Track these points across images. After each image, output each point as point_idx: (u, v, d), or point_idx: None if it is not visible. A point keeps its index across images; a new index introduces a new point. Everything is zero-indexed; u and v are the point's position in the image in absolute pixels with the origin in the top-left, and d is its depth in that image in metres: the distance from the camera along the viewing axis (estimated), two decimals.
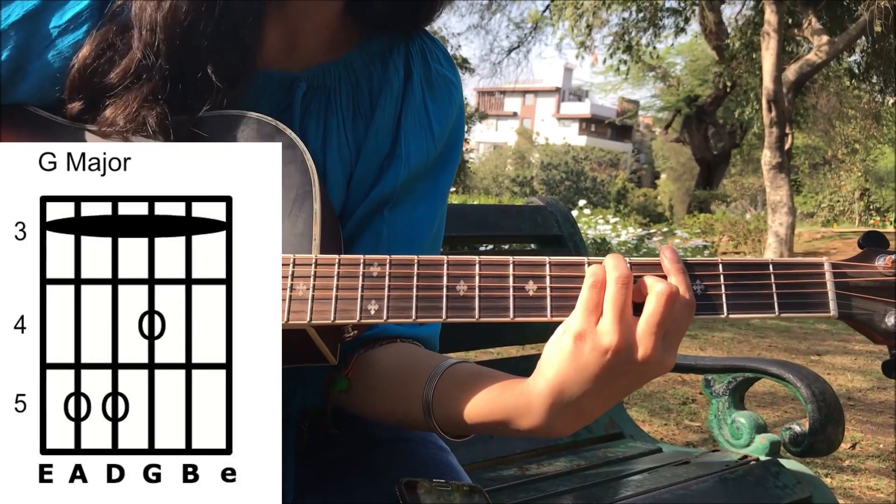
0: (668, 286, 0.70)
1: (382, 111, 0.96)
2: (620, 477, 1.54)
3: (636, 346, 0.69)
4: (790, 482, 1.52)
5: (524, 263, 0.73)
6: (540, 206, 1.98)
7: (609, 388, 0.71)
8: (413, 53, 0.98)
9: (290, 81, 0.94)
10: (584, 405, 0.72)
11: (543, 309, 0.73)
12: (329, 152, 0.94)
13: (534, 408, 0.73)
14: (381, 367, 0.89)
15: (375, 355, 0.90)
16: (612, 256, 0.72)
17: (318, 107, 0.95)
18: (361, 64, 0.97)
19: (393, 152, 0.95)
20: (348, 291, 0.74)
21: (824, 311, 0.72)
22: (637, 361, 0.70)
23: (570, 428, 0.74)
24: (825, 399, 1.54)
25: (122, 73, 0.83)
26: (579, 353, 0.70)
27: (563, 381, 0.71)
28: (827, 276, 0.73)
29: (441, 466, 0.95)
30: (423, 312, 0.73)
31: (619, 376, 0.70)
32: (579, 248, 1.94)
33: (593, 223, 11.38)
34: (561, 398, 0.71)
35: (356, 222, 0.94)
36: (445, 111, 0.98)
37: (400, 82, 0.97)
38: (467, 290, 0.73)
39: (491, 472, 1.54)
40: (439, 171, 0.98)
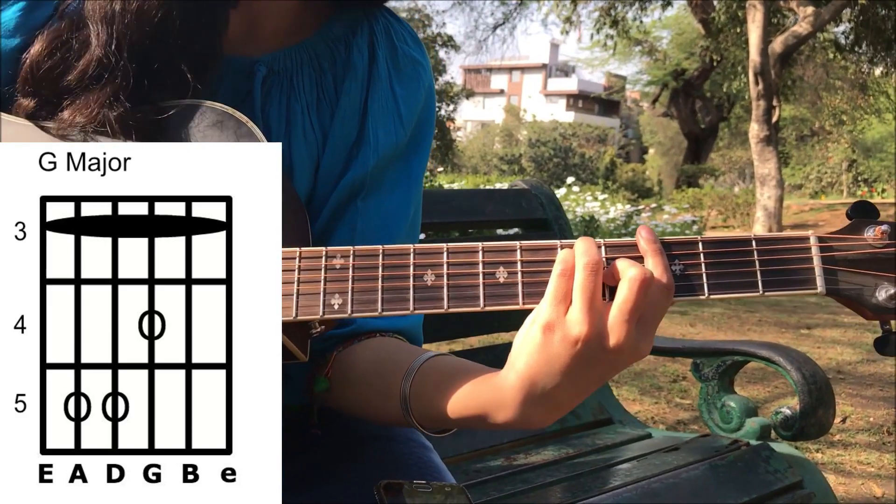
0: (641, 271, 0.67)
1: (348, 96, 0.92)
2: (609, 465, 1.52)
3: (607, 335, 0.66)
4: (781, 466, 1.50)
5: (494, 250, 0.70)
6: (524, 189, 1.94)
7: (582, 377, 0.68)
8: (377, 33, 0.95)
9: (250, 66, 0.90)
10: (559, 396, 0.69)
11: (515, 296, 0.70)
12: (294, 139, 0.91)
13: (507, 402, 0.71)
14: (360, 364, 0.87)
15: (354, 352, 0.88)
16: (583, 240, 0.69)
17: (280, 92, 0.91)
18: (324, 47, 0.93)
19: (361, 138, 0.92)
20: (310, 285, 0.72)
21: (811, 287, 0.69)
22: (609, 350, 0.67)
23: (547, 419, 0.72)
24: (816, 382, 1.51)
25: (81, 75, 0.79)
26: (549, 345, 0.67)
27: (534, 374, 0.68)
28: (813, 250, 0.70)
29: (423, 465, 0.93)
30: (389, 304, 0.71)
31: (592, 366, 0.68)
32: (564, 231, 1.90)
33: (582, 201, 11.36)
34: (533, 390, 0.69)
35: (329, 215, 0.92)
36: (413, 93, 0.95)
37: (364, 65, 0.93)
38: (435, 279, 0.70)
39: (478, 464, 1.52)
40: (411, 156, 0.95)
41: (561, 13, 15.32)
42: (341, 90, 0.92)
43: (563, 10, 15.31)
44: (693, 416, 3.46)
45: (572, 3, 15.19)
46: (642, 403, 3.66)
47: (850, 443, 3.23)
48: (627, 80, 28.55)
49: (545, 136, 31.18)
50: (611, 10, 15.55)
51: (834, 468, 2.94)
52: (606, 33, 15.58)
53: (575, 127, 34.03)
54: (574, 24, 15.60)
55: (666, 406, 3.67)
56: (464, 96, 22.70)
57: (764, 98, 11.50)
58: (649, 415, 3.50)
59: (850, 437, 3.29)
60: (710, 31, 15.47)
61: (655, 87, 22.96)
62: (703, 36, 16.74)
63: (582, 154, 29.77)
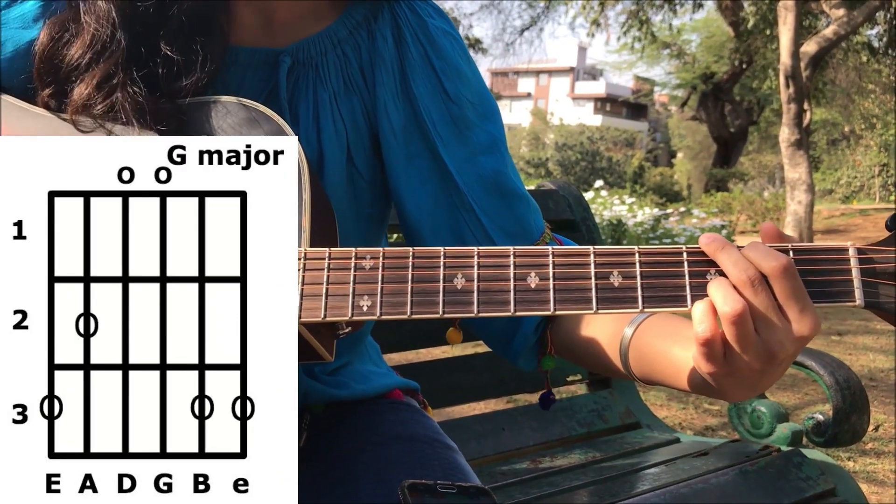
0: (734, 301, 0.65)
1: (383, 87, 0.91)
2: (637, 470, 1.49)
3: (767, 350, 0.66)
4: (813, 473, 1.46)
5: (526, 254, 0.69)
6: (552, 189, 1.92)
7: (774, 373, 0.69)
8: (400, 15, 0.92)
9: (274, 57, 0.90)
10: (759, 383, 0.70)
11: (546, 302, 0.69)
12: (324, 129, 0.90)
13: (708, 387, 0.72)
14: (574, 333, 0.87)
15: (565, 325, 0.89)
16: (719, 286, 0.66)
17: (306, 82, 0.91)
18: (346, 33, 0.92)
19: (419, 131, 0.90)
20: (340, 286, 0.71)
21: (849, 299, 0.67)
22: (775, 358, 0.67)
23: (750, 395, 0.73)
24: (850, 387, 1.48)
25: (81, 50, 0.80)
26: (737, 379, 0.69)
27: (723, 387, 0.70)
28: (852, 262, 0.68)
29: (448, 466, 0.93)
30: (419, 307, 0.70)
31: (776, 366, 0.68)
32: (592, 233, 1.88)
33: (609, 204, 11.28)
34: (729, 387, 0.70)
35: (432, 226, 0.91)
36: (453, 64, 0.92)
37: (392, 52, 0.91)
38: (465, 282, 0.69)
39: (503, 466, 1.50)
40: (487, 120, 0.93)
41: (588, 15, 15.25)
42: (371, 81, 0.91)
43: (590, 13, 15.23)
44: (721, 421, 3.42)
45: (600, 5, 15.11)
46: (669, 409, 3.62)
47: (883, 451, 3.17)
48: (656, 83, 28.35)
49: (572, 139, 31.04)
50: (639, 12, 15.45)
51: (866, 477, 2.88)
52: (634, 35, 15.48)
53: (602, 130, 33.83)
54: (601, 26, 15.52)
55: (694, 412, 3.62)
56: None
57: (795, 101, 11.34)
58: (677, 420, 3.45)
59: (882, 446, 3.23)
60: (740, 33, 15.31)
61: (684, 90, 22.75)
62: (732, 38, 16.58)
63: (609, 158, 29.59)
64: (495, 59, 19.43)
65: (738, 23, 15.23)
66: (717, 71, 20.48)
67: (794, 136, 11.52)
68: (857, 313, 6.13)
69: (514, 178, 0.92)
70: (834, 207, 18.54)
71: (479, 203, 0.89)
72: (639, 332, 0.80)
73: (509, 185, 0.91)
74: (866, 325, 5.70)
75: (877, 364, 4.58)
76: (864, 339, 5.26)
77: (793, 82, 11.28)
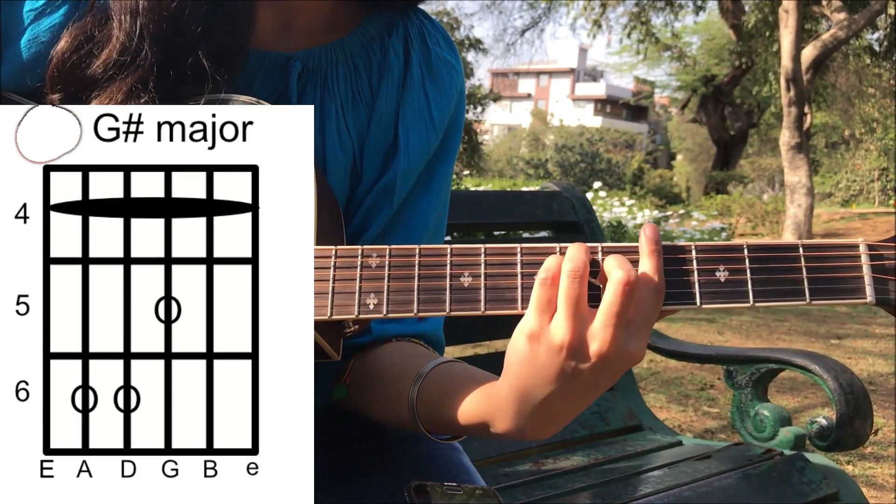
0: (625, 273, 0.64)
1: (384, 100, 0.92)
2: (639, 472, 1.49)
3: (591, 341, 0.64)
4: (816, 477, 1.46)
5: (533, 252, 0.69)
6: (555, 191, 1.92)
7: (573, 386, 0.66)
8: (412, 36, 0.94)
9: (285, 62, 0.89)
10: (552, 407, 0.68)
11: None
12: (328, 139, 0.90)
13: (502, 412, 0.70)
14: (376, 369, 0.87)
15: (372, 357, 0.88)
16: (572, 246, 0.67)
17: (315, 90, 0.91)
18: (359, 47, 0.92)
19: (394, 143, 0.92)
20: (346, 284, 0.70)
21: (860, 296, 0.66)
22: (596, 356, 0.64)
23: (544, 431, 0.70)
24: (853, 391, 1.48)
25: (105, 64, 0.79)
26: (535, 355, 0.66)
27: (523, 384, 0.67)
28: (863, 258, 0.67)
29: (454, 467, 0.92)
30: (426, 305, 0.69)
31: (580, 374, 0.65)
32: (596, 235, 1.88)
33: (609, 206, 11.28)
34: (525, 401, 0.68)
35: (361, 217, 0.91)
36: (446, 96, 0.94)
37: (400, 68, 0.92)
38: (472, 280, 0.69)
39: (506, 468, 1.50)
40: (443, 159, 0.95)
41: (589, 17, 15.24)
42: (377, 93, 0.92)
43: (591, 14, 15.23)
44: (721, 424, 3.41)
45: (601, 7, 15.11)
46: (669, 411, 3.61)
47: (883, 455, 3.17)
48: (656, 85, 28.35)
49: (572, 140, 31.04)
50: (640, 14, 15.45)
51: (865, 481, 2.88)
52: (636, 38, 15.48)
53: (602, 132, 33.85)
54: (602, 28, 15.52)
55: (694, 414, 3.62)
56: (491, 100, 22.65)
57: (795, 105, 11.35)
58: (676, 423, 3.45)
59: (882, 450, 3.23)
60: (742, 36, 15.31)
61: (684, 92, 22.75)
62: (733, 41, 16.59)
63: (609, 159, 29.60)
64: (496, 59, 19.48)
65: (740, 26, 15.23)
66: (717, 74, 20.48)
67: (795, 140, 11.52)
68: (856, 317, 6.13)
69: (434, 215, 0.94)
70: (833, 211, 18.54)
71: (389, 233, 0.91)
72: (445, 365, 0.80)
73: (423, 228, 0.92)
74: (865, 329, 5.69)
75: (876, 368, 4.58)
76: (864, 344, 5.26)
77: (793, 86, 11.29)
